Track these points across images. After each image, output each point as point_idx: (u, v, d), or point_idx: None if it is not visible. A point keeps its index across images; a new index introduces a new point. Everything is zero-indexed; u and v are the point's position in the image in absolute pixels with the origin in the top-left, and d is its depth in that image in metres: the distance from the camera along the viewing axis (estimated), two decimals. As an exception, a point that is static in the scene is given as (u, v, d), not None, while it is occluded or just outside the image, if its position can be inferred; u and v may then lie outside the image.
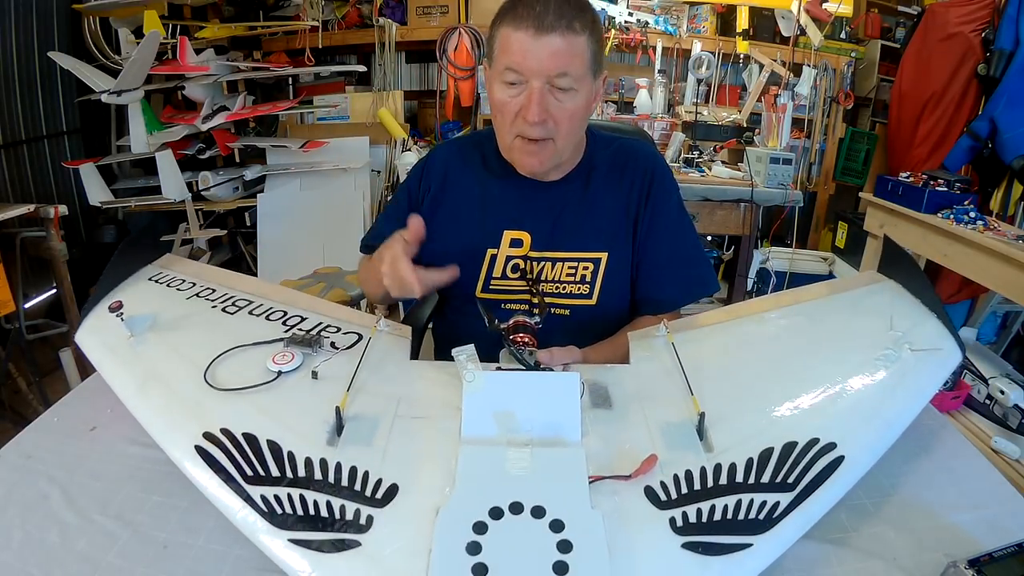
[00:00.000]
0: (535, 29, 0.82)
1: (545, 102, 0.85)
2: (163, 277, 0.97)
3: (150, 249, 1.03)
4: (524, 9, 0.83)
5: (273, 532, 0.56)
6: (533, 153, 0.91)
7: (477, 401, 0.65)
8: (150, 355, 0.79)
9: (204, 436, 0.65)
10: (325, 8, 3.11)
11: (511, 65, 0.85)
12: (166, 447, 0.66)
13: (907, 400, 0.71)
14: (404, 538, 0.54)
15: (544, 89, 0.85)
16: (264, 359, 0.76)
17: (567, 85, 0.85)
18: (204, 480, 0.61)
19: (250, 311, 0.89)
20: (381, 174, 3.07)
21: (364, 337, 0.83)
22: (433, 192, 1.04)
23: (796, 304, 0.89)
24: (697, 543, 0.54)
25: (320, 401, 0.69)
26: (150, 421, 0.69)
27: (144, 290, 0.94)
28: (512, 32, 0.84)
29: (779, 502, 0.58)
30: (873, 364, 0.74)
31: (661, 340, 0.84)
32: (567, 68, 0.84)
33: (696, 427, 0.67)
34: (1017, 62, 2.18)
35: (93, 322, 0.86)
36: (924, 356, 0.76)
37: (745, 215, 2.53)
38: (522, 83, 0.86)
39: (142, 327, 0.83)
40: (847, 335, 0.82)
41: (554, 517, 0.54)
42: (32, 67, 2.62)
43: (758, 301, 0.92)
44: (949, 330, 0.80)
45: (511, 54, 0.84)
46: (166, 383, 0.73)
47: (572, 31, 0.83)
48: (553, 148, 0.91)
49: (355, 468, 0.61)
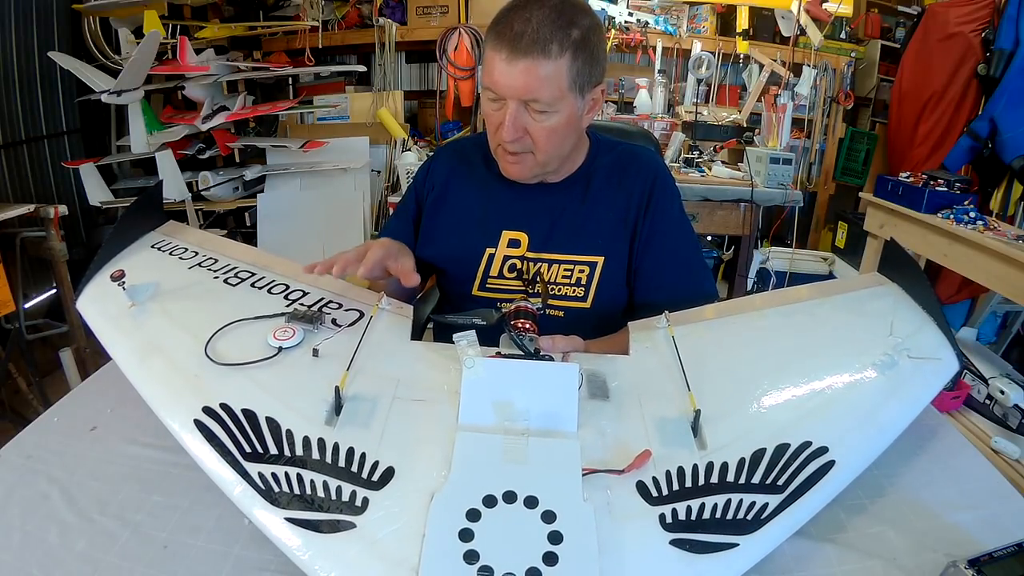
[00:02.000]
0: (508, 52, 0.83)
1: (521, 121, 0.88)
2: (166, 245, 0.97)
3: (154, 216, 1.03)
4: (504, 28, 0.84)
5: (270, 510, 0.56)
6: (514, 163, 0.95)
7: (475, 387, 0.65)
8: (151, 325, 0.79)
9: (203, 410, 0.65)
10: (325, 8, 3.10)
11: (488, 84, 0.88)
12: (165, 420, 0.66)
13: (902, 408, 0.71)
14: (398, 522, 0.55)
15: (519, 109, 0.87)
16: (265, 334, 0.76)
17: (540, 108, 0.87)
18: (203, 455, 0.62)
19: (252, 283, 0.89)
20: (381, 174, 3.07)
21: (365, 315, 0.83)
22: (437, 191, 1.06)
23: (799, 303, 0.89)
24: (685, 540, 0.55)
25: (320, 379, 0.69)
26: (150, 393, 0.70)
27: (147, 258, 0.94)
28: (491, 52, 0.86)
29: (768, 503, 0.58)
30: (871, 369, 0.74)
31: (662, 332, 0.83)
32: (537, 94, 0.85)
33: (691, 424, 0.67)
34: (1017, 62, 2.18)
35: (94, 290, 0.86)
36: (922, 364, 0.76)
37: (745, 215, 2.53)
38: (501, 100, 0.88)
39: (144, 296, 0.82)
40: (847, 338, 0.82)
41: (546, 508, 0.54)
42: (32, 67, 2.62)
43: (761, 297, 0.92)
44: (948, 339, 0.80)
45: (489, 73, 0.87)
46: (167, 355, 0.74)
47: (546, 55, 0.83)
48: (533, 160, 0.94)
49: (352, 449, 0.62)
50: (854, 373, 0.74)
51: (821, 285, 0.94)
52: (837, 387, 0.72)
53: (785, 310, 0.88)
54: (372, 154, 2.99)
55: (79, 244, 2.78)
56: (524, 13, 0.83)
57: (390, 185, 3.06)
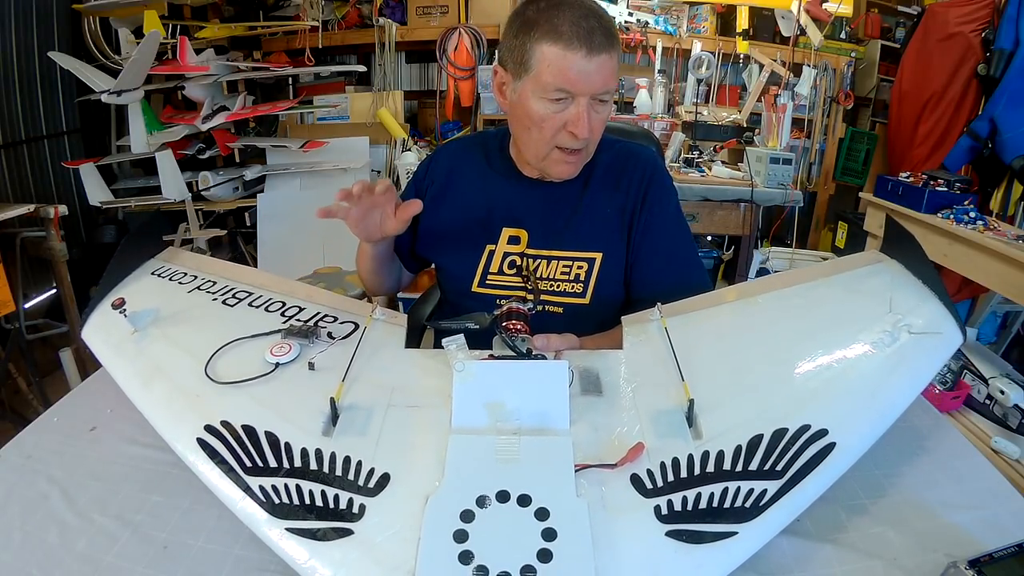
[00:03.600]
0: (587, 50, 0.85)
1: (591, 117, 0.89)
2: (165, 271, 0.98)
3: (153, 244, 1.04)
4: (571, 28, 0.85)
5: (272, 522, 0.57)
6: (571, 162, 0.96)
7: (466, 390, 0.66)
8: (153, 350, 0.79)
9: (205, 429, 0.66)
10: (325, 8, 3.11)
11: (563, 85, 0.87)
12: (169, 440, 0.67)
13: (903, 385, 0.70)
14: (395, 526, 0.56)
15: (590, 104, 0.89)
16: (262, 351, 0.77)
17: (605, 100, 0.90)
18: (206, 471, 0.62)
19: (249, 303, 0.90)
20: (381, 174, 3.07)
21: (360, 326, 0.84)
22: (437, 187, 1.07)
23: (795, 285, 0.88)
24: (681, 531, 0.55)
25: (316, 391, 0.70)
26: (154, 415, 0.70)
27: (147, 285, 0.94)
28: (562, 52, 0.85)
29: (766, 490, 0.58)
30: (870, 347, 0.73)
31: (655, 324, 0.83)
32: (612, 85, 0.90)
33: (686, 414, 0.66)
34: (1017, 62, 2.18)
35: (98, 319, 0.87)
36: (923, 339, 0.74)
37: (745, 215, 2.53)
38: (568, 99, 0.88)
39: (145, 322, 0.83)
40: (845, 317, 0.80)
41: (540, 505, 0.55)
42: (32, 67, 2.62)
43: (756, 283, 0.90)
44: (951, 312, 0.78)
45: (564, 73, 0.86)
46: (169, 377, 0.74)
47: (615, 48, 0.88)
48: (585, 155, 0.96)
49: (349, 458, 0.62)
50: (853, 352, 0.73)
51: (817, 266, 0.92)
52: (835, 368, 0.71)
53: (779, 294, 0.86)
54: (372, 154, 2.99)
55: (79, 244, 2.78)
56: (576, 12, 0.86)
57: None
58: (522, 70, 0.90)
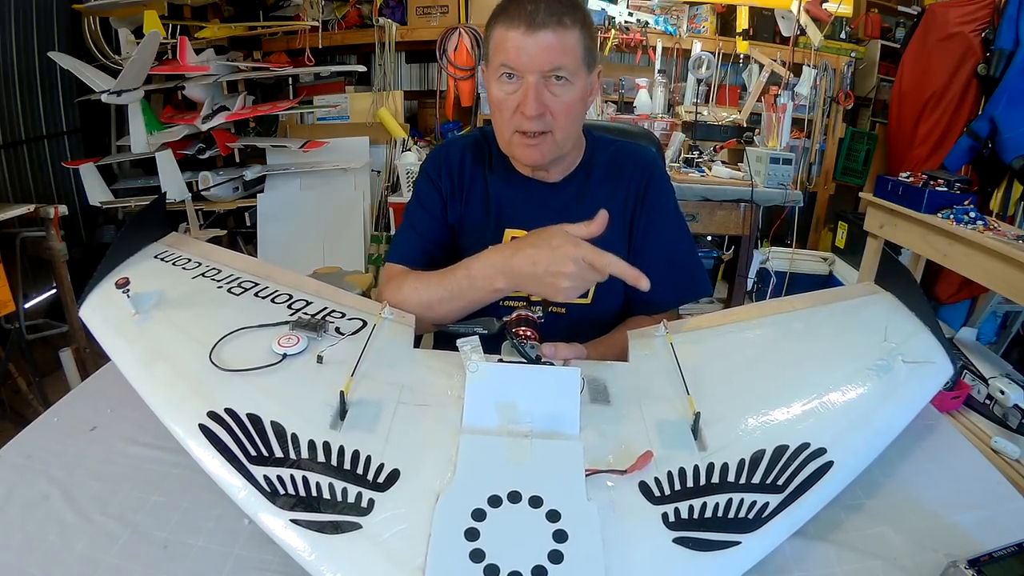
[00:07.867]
0: (527, 26, 0.85)
1: (541, 96, 0.88)
2: (169, 256, 0.97)
3: (157, 226, 1.03)
4: (516, 8, 0.86)
5: (275, 512, 0.56)
6: (532, 146, 0.93)
7: (479, 391, 0.66)
8: (155, 332, 0.79)
9: (208, 415, 0.65)
10: (325, 8, 3.10)
11: (506, 62, 0.88)
12: (170, 425, 0.67)
13: (897, 410, 0.73)
14: (404, 522, 0.55)
15: (539, 83, 0.87)
16: (269, 341, 0.76)
17: (561, 80, 0.88)
18: (206, 459, 0.62)
19: (256, 293, 0.89)
20: (381, 174, 3.07)
21: (368, 324, 0.84)
22: (453, 184, 1.05)
23: (794, 311, 0.91)
24: (688, 538, 0.55)
25: (324, 385, 0.70)
26: (155, 399, 0.70)
27: (150, 267, 0.94)
28: (505, 31, 0.87)
29: (768, 503, 0.59)
30: (866, 373, 0.76)
31: (660, 339, 0.85)
32: (560, 62, 0.87)
33: (691, 426, 0.68)
34: (1017, 62, 2.18)
35: (97, 298, 0.86)
36: (916, 368, 0.77)
37: (745, 215, 2.53)
38: (518, 79, 0.88)
39: (147, 304, 0.83)
40: (842, 344, 0.84)
41: (551, 507, 0.55)
42: (32, 67, 2.62)
43: (756, 306, 0.93)
44: (942, 344, 0.82)
45: (506, 52, 0.87)
46: (171, 361, 0.74)
47: (563, 26, 0.86)
48: (552, 140, 0.93)
49: (357, 452, 0.62)
50: (850, 377, 0.75)
51: (815, 294, 0.95)
52: (833, 391, 0.73)
53: (780, 318, 0.89)
54: (372, 154, 2.99)
55: (79, 244, 2.79)
56: None
57: (390, 185, 3.06)
58: (487, 59, 0.93)
